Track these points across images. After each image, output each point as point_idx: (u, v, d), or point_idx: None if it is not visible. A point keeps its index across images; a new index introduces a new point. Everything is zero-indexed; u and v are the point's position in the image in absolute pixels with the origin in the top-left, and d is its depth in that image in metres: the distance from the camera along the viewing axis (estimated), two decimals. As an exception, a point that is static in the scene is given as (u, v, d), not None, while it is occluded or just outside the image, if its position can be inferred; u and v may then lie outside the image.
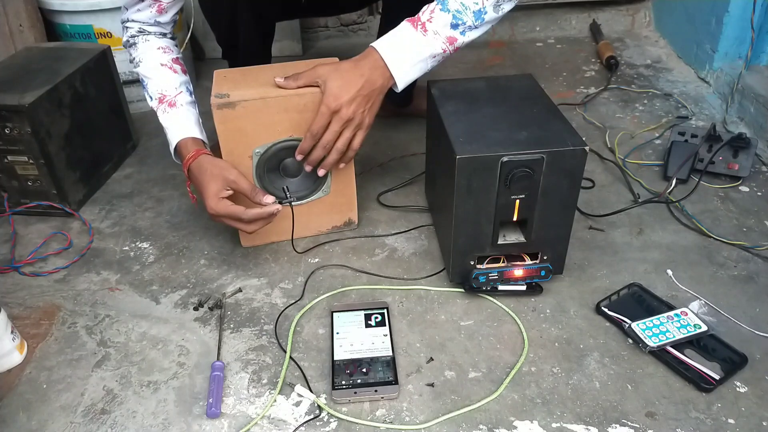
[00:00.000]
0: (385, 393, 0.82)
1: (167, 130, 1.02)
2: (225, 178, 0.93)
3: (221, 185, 0.93)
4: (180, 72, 1.06)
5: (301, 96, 0.97)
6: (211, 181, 0.94)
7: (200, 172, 0.95)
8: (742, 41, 1.51)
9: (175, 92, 1.03)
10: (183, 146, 0.99)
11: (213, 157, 0.97)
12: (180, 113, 1.02)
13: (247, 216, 0.93)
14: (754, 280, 0.99)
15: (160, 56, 1.06)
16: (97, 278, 1.07)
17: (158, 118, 1.03)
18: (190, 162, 0.97)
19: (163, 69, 1.05)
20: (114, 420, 0.82)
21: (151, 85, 1.05)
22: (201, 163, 0.96)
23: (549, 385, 0.83)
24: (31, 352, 0.92)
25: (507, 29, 2.02)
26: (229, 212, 0.93)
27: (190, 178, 0.99)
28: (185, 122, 1.01)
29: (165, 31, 1.09)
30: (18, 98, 1.12)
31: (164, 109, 1.03)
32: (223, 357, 0.90)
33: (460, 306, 0.97)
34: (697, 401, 0.80)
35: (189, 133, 1.00)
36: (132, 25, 1.07)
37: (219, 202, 0.93)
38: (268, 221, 0.96)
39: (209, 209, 0.94)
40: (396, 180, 1.29)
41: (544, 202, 0.89)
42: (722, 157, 1.22)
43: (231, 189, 0.94)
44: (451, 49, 0.94)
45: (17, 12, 1.54)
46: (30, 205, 1.21)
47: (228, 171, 0.94)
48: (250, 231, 0.96)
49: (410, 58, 0.92)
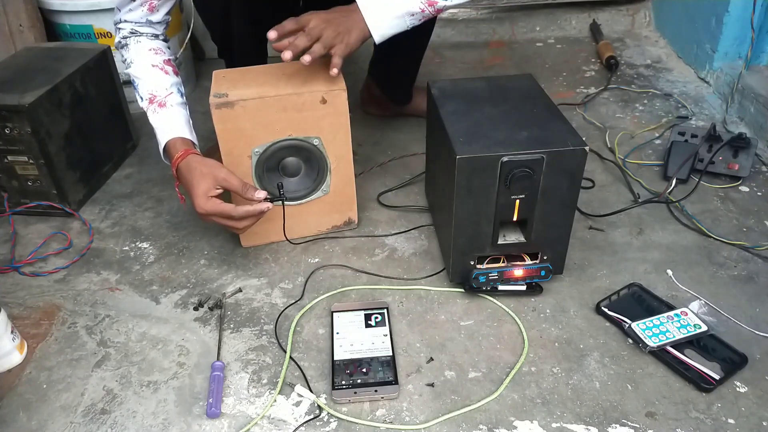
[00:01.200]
0: (385, 393, 0.82)
1: (156, 131, 1.02)
2: (215, 176, 0.93)
3: (211, 184, 0.93)
4: (171, 73, 1.06)
5: (300, 95, 0.97)
6: (200, 180, 0.93)
7: (189, 171, 0.95)
8: (742, 41, 1.51)
9: (165, 93, 1.03)
10: (172, 146, 0.99)
11: (202, 157, 0.97)
12: (169, 113, 1.02)
13: (238, 213, 0.92)
14: (754, 280, 0.99)
15: (151, 57, 1.05)
16: (97, 278, 1.07)
17: (148, 118, 1.03)
18: (178, 162, 0.96)
19: (154, 70, 1.04)
20: (114, 420, 0.82)
21: (141, 85, 1.04)
22: (189, 163, 0.95)
23: (549, 385, 0.83)
24: (31, 352, 0.92)
25: (507, 29, 2.02)
26: (219, 210, 0.92)
27: (179, 177, 0.98)
28: (175, 122, 1.01)
29: (157, 32, 1.09)
30: (18, 98, 1.12)
31: (154, 110, 1.02)
32: (223, 357, 0.90)
33: (460, 306, 0.97)
34: (697, 401, 0.80)
35: (178, 133, 1.00)
36: (124, 26, 1.07)
37: (208, 201, 0.92)
38: (258, 218, 0.95)
39: (198, 208, 0.93)
40: (396, 180, 1.29)
41: (544, 202, 0.89)
42: (722, 157, 1.22)
43: (221, 187, 0.94)
44: (430, 11, 0.97)
45: (17, 12, 1.54)
46: (30, 205, 1.21)
47: (217, 169, 0.94)
48: (240, 228, 0.96)
49: (388, 11, 0.96)
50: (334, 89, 0.98)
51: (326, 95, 0.98)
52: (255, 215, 0.94)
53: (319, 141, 1.02)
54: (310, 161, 1.05)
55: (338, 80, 0.99)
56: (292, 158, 1.04)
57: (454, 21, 2.04)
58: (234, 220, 0.94)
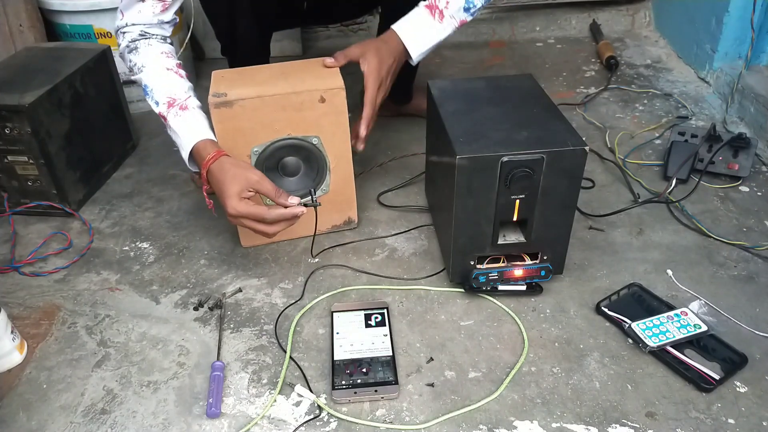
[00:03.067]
0: (385, 393, 0.82)
1: (179, 134, 0.98)
2: (248, 178, 0.91)
3: (243, 185, 0.91)
4: (185, 78, 1.04)
5: (298, 94, 0.97)
6: (233, 182, 0.91)
7: (221, 172, 0.92)
8: (742, 41, 1.51)
9: (185, 96, 1.01)
10: (202, 148, 0.96)
11: (234, 159, 0.95)
12: (193, 116, 0.99)
13: (271, 216, 0.90)
14: (754, 280, 0.99)
15: (164, 61, 1.03)
16: (97, 278, 1.07)
17: (168, 122, 1.00)
18: (210, 163, 0.94)
19: (170, 73, 1.02)
20: (114, 420, 0.82)
21: (157, 90, 1.01)
22: (222, 164, 0.93)
23: (549, 385, 0.83)
24: (31, 352, 0.92)
25: (507, 29, 2.02)
26: (252, 213, 0.91)
27: (210, 179, 0.95)
28: (200, 125, 0.99)
29: (166, 33, 1.07)
30: (18, 98, 1.12)
31: (176, 113, 0.99)
32: (223, 357, 0.90)
33: (460, 306, 0.97)
34: (697, 401, 0.80)
35: (205, 135, 0.97)
36: (132, 29, 1.04)
37: (240, 202, 0.90)
38: (291, 223, 0.93)
39: (230, 209, 0.91)
40: (396, 180, 1.29)
41: (544, 202, 0.89)
42: (722, 157, 1.22)
43: (253, 190, 0.92)
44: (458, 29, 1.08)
45: (17, 12, 1.54)
46: (30, 205, 1.21)
47: (251, 172, 0.92)
48: (271, 233, 0.93)
49: (426, 41, 1.07)
50: (333, 88, 0.98)
51: (325, 94, 0.98)
52: (288, 219, 0.92)
53: (318, 140, 1.02)
54: (310, 160, 1.05)
55: (337, 79, 0.99)
56: (292, 158, 1.04)
57: (454, 21, 2.04)
58: (266, 224, 0.92)
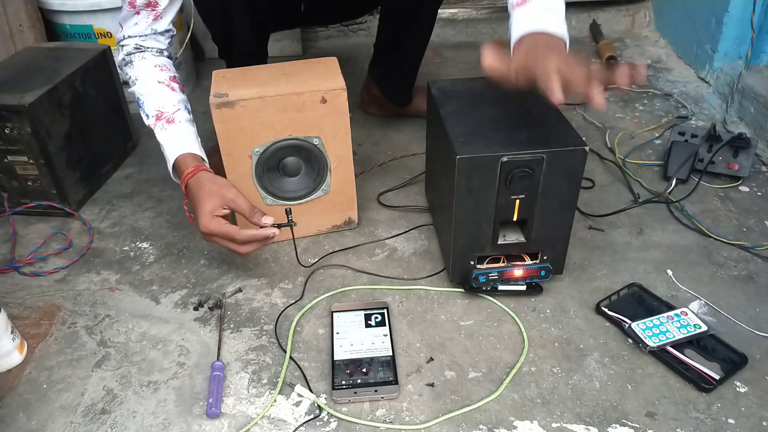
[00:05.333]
0: (385, 393, 0.82)
1: (164, 147, 0.99)
2: (223, 195, 0.91)
3: (218, 203, 0.90)
4: (178, 90, 1.04)
5: (300, 95, 0.97)
6: (207, 198, 0.91)
7: (198, 188, 0.92)
8: (742, 41, 1.51)
9: (173, 109, 1.01)
10: (182, 162, 0.96)
11: (212, 174, 0.94)
12: (178, 130, 0.99)
13: (241, 237, 0.90)
14: (754, 280, 0.99)
15: (157, 74, 1.03)
16: (97, 278, 1.07)
17: (155, 135, 1.00)
18: (188, 178, 0.94)
19: (161, 86, 1.02)
20: (114, 420, 0.82)
21: (147, 103, 1.01)
22: (199, 179, 0.93)
23: (549, 385, 0.83)
24: (31, 352, 0.92)
25: (507, 29, 2.01)
26: (222, 231, 0.90)
27: (188, 194, 0.95)
28: (184, 139, 0.99)
29: (162, 46, 1.06)
30: (18, 98, 1.12)
31: (162, 126, 0.99)
32: (223, 357, 0.90)
33: (460, 306, 0.97)
34: (697, 401, 0.80)
35: (188, 149, 0.97)
36: (128, 42, 1.04)
37: (212, 220, 0.90)
38: (263, 244, 0.93)
39: (202, 227, 0.91)
40: (396, 180, 1.29)
41: (544, 202, 0.89)
42: (722, 157, 1.22)
43: (228, 208, 0.91)
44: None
45: (17, 12, 1.54)
46: (30, 205, 1.21)
47: (227, 189, 0.91)
48: (242, 253, 0.93)
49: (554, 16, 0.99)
50: (334, 89, 0.98)
51: (326, 95, 0.98)
52: (259, 240, 0.91)
53: (319, 141, 1.02)
54: (311, 161, 1.05)
55: (338, 80, 0.99)
56: (293, 158, 1.04)
57: (454, 21, 2.04)
58: (237, 243, 0.91)
